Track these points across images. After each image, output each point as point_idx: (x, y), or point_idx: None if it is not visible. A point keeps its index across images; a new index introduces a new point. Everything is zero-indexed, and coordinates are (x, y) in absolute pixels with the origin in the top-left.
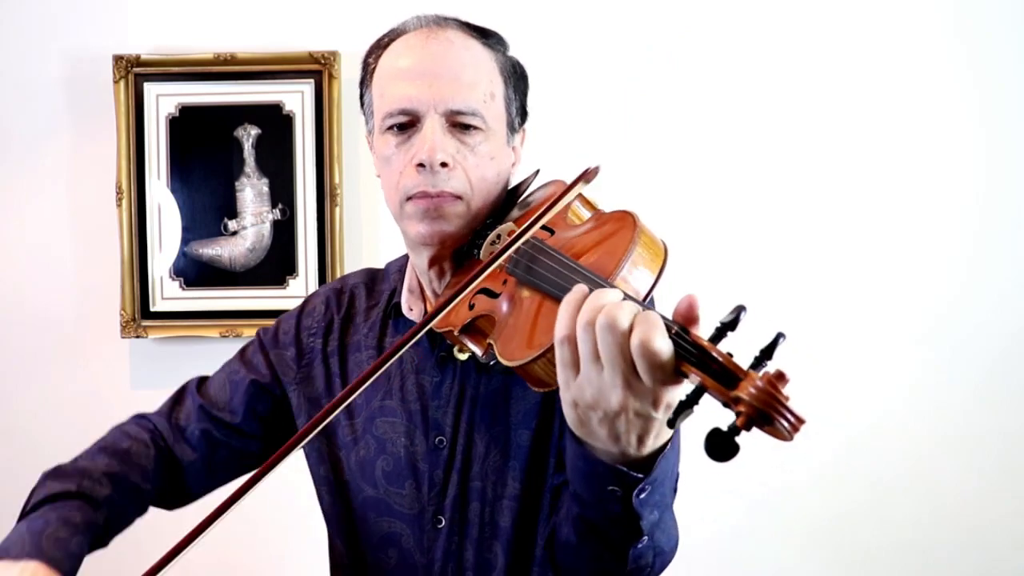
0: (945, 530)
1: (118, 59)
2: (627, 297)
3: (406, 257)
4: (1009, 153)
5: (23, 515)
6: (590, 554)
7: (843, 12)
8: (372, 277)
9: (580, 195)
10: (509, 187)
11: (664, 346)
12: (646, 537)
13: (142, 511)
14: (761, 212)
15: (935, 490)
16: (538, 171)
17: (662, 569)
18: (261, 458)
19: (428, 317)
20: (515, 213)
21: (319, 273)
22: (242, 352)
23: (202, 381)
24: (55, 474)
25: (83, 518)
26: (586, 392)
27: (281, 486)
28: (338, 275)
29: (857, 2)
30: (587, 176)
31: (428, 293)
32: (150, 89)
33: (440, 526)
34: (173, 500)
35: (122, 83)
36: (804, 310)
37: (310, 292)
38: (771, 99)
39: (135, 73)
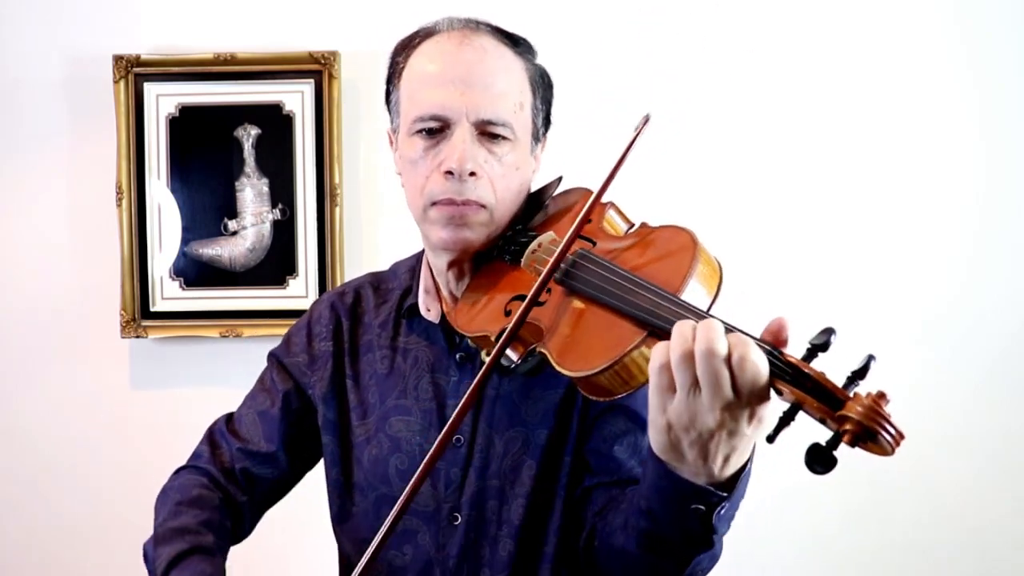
0: (945, 530)
1: (118, 59)
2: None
3: (416, 258)
4: (1009, 153)
5: None
6: (649, 562)
7: (844, 13)
8: (377, 278)
9: (613, 204)
10: (530, 193)
11: (763, 364)
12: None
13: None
14: (761, 212)
15: (935, 490)
16: (561, 178)
17: (710, 570)
18: (296, 478)
19: (500, 347)
20: (539, 219)
21: (319, 273)
22: (260, 382)
23: (228, 420)
24: (159, 541)
25: (212, 569)
26: (683, 416)
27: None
28: (338, 275)
29: (858, 3)
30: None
31: (444, 294)
32: (150, 89)
33: (456, 523)
34: (236, 538)
35: (122, 83)
36: (803, 309)
37: (310, 292)
38: (773, 100)
39: (135, 73)
